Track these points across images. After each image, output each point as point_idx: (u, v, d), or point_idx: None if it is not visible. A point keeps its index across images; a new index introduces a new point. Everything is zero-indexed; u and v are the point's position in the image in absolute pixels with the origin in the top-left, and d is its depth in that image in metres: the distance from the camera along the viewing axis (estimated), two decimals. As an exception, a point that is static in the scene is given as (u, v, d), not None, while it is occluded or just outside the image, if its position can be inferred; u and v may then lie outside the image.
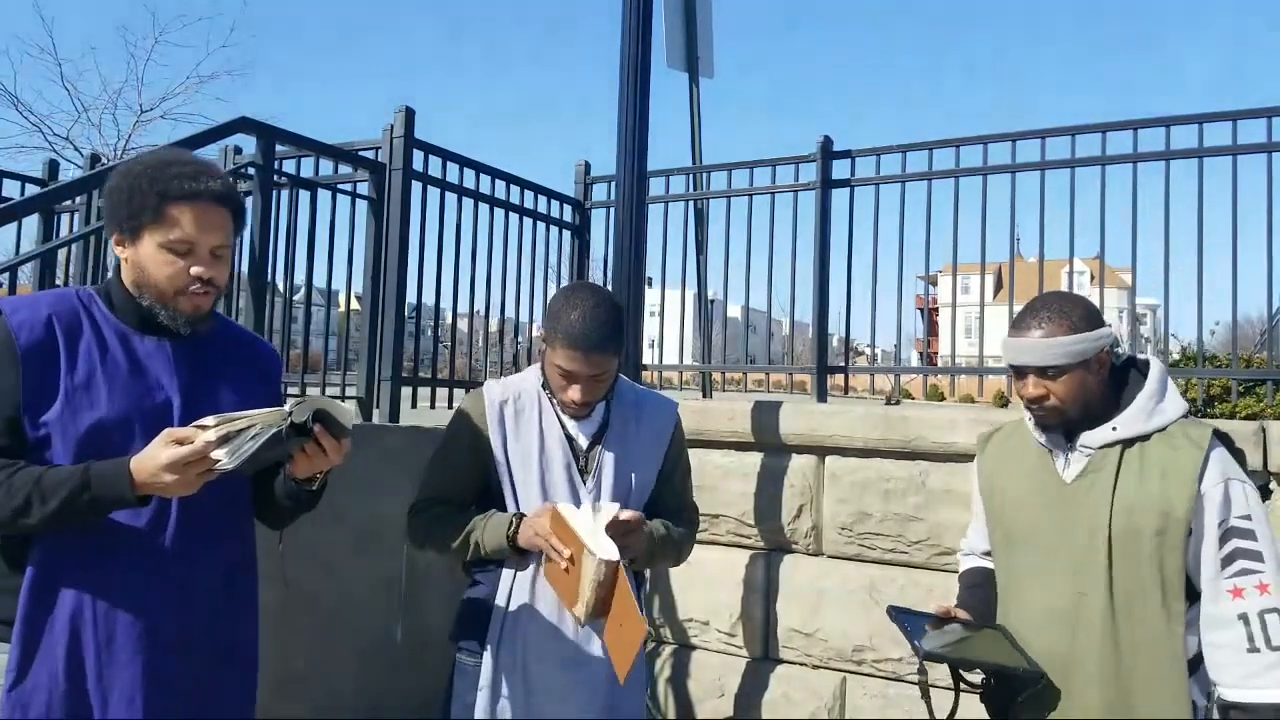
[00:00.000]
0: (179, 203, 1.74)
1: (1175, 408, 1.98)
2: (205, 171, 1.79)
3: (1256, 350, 7.62)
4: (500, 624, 2.16)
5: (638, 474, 2.28)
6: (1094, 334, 1.96)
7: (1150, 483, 1.89)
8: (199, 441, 1.59)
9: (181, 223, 1.75)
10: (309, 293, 4.41)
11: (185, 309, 1.79)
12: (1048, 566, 1.98)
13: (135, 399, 1.74)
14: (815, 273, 4.98)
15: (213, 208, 1.78)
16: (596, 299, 2.15)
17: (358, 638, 3.76)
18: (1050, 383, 1.96)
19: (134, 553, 1.73)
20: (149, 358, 1.79)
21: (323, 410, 1.72)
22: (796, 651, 4.10)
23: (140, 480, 1.62)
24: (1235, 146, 4.10)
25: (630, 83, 4.15)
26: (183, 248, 1.75)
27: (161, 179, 1.74)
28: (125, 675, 1.70)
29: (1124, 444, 1.95)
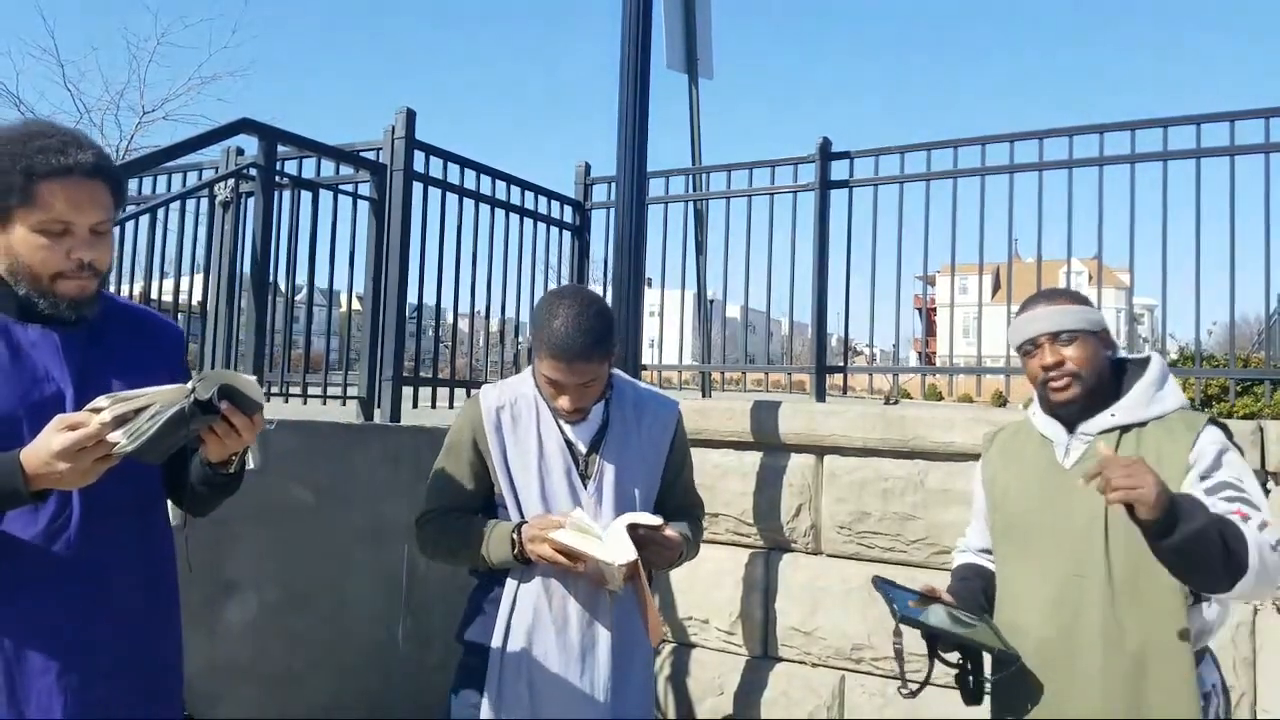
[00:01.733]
0: (48, 180, 1.57)
1: (1174, 399, 2.03)
2: (74, 143, 1.62)
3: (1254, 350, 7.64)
4: (505, 627, 2.16)
5: (640, 477, 2.26)
6: (1093, 309, 2.06)
7: None
8: (93, 425, 1.43)
9: (54, 203, 1.57)
10: (310, 293, 4.43)
11: (67, 294, 1.62)
12: (1047, 551, 2.01)
13: (21, 393, 1.58)
14: (814, 273, 5.00)
15: (87, 183, 1.60)
16: (580, 305, 2.09)
17: (358, 638, 3.77)
18: (1065, 348, 2.00)
19: (33, 560, 1.58)
20: (34, 348, 1.62)
21: (229, 385, 1.54)
22: (795, 650, 4.11)
23: (33, 472, 1.45)
24: (1233, 147, 4.11)
25: (630, 83, 4.17)
26: (58, 229, 1.58)
27: (25, 154, 1.56)
28: (41, 684, 1.58)
29: (1122, 430, 1.99)
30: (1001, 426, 2.32)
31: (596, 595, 2.16)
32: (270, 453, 3.46)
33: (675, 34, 6.07)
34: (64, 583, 1.61)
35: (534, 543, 2.08)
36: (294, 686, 3.50)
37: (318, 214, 4.18)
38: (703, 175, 5.56)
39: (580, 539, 2.02)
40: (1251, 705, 3.31)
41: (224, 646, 3.32)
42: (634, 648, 2.23)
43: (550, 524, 2.07)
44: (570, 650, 2.15)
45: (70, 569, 1.61)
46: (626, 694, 2.20)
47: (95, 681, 1.63)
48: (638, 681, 2.24)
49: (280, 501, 3.48)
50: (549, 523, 2.08)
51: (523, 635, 2.15)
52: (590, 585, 2.14)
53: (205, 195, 4.34)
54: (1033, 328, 2.04)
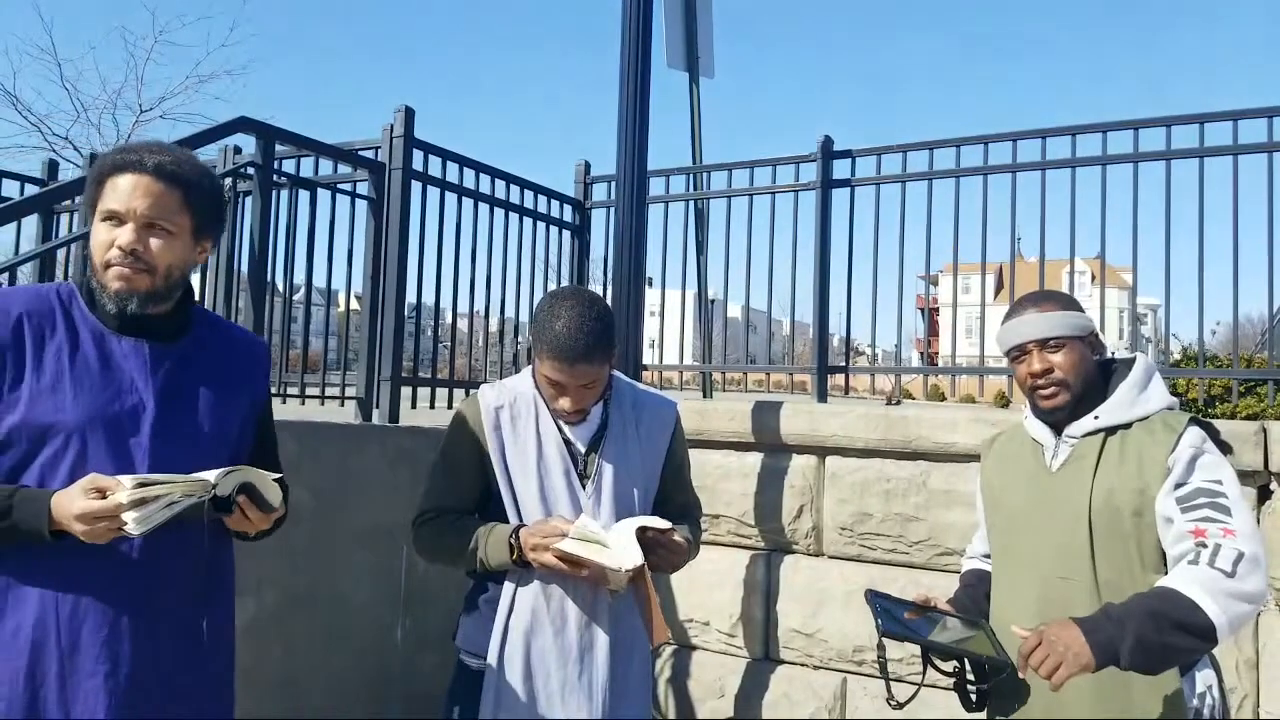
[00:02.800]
0: (115, 174, 1.70)
1: (1159, 399, 2.03)
2: (156, 151, 1.73)
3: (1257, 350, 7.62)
4: (503, 628, 2.15)
5: (639, 478, 2.26)
6: (1082, 314, 2.07)
7: (1128, 466, 1.93)
8: (111, 500, 1.52)
9: (113, 192, 1.69)
10: (309, 292, 4.41)
11: (110, 284, 1.69)
12: (1034, 554, 2.02)
13: (102, 403, 1.67)
14: (816, 272, 4.98)
15: (147, 179, 1.69)
16: (582, 307, 2.09)
17: (358, 638, 3.75)
18: (1053, 355, 2.02)
19: (99, 559, 1.65)
20: (124, 359, 1.72)
21: (249, 483, 1.66)
22: (797, 652, 4.10)
23: (57, 518, 1.57)
24: (1236, 146, 4.09)
25: (630, 83, 4.15)
26: (112, 219, 1.69)
27: (111, 155, 1.72)
28: (89, 685, 1.64)
29: (1106, 432, 2.00)
30: (1000, 431, 2.34)
31: (595, 596, 2.15)
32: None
33: (675, 33, 6.06)
34: (122, 586, 1.67)
35: (536, 551, 2.06)
36: (293, 687, 3.49)
37: (316, 213, 4.17)
38: (703, 174, 5.54)
39: (585, 548, 2.01)
40: (1255, 706, 3.29)
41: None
42: (632, 649, 2.22)
43: (552, 531, 2.05)
44: (568, 651, 2.14)
45: (130, 573, 1.68)
46: (625, 695, 2.20)
47: (143, 687, 1.68)
48: (636, 682, 2.24)
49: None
50: (550, 530, 2.06)
51: (521, 636, 2.14)
52: (589, 587, 2.12)
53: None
54: (1020, 334, 2.06)
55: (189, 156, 1.80)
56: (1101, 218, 4.33)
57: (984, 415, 3.87)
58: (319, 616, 3.61)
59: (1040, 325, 2.03)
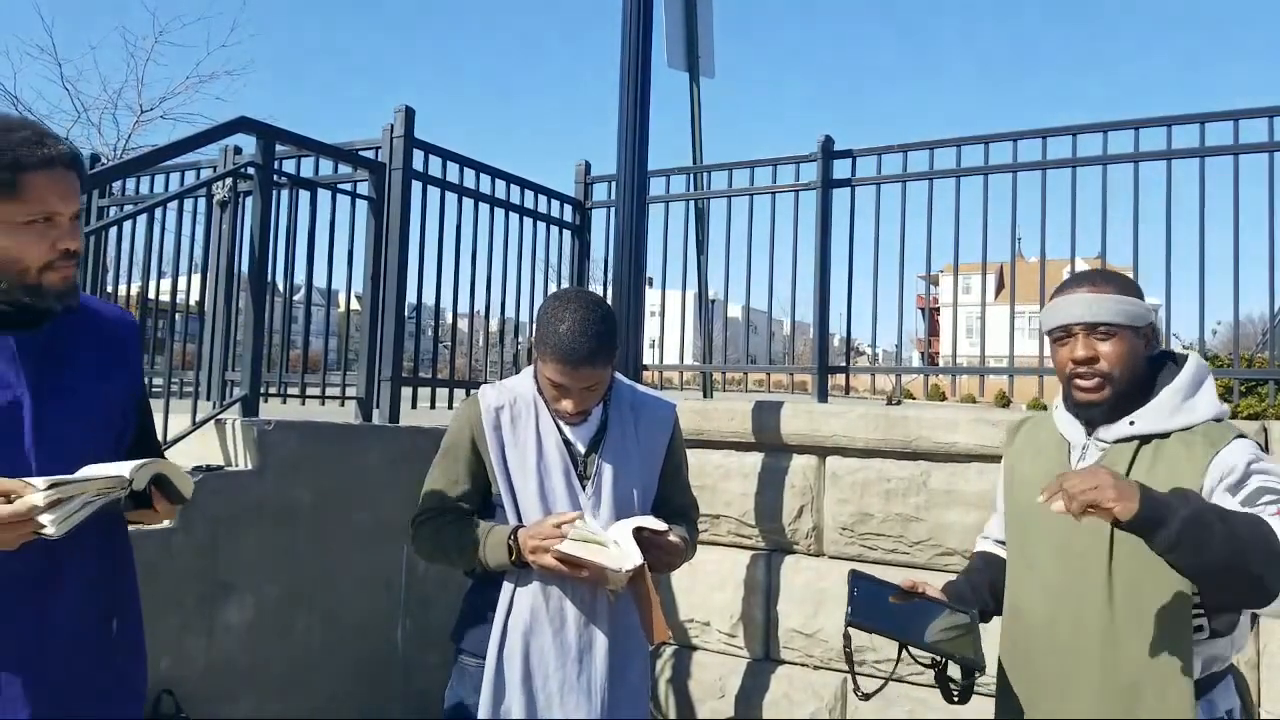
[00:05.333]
0: (34, 172, 1.56)
1: (1205, 408, 1.82)
2: (48, 134, 1.62)
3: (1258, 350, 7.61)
4: (502, 627, 2.15)
5: (638, 478, 2.26)
6: (1141, 302, 1.86)
7: (1159, 482, 1.73)
8: (23, 504, 1.43)
9: (42, 193, 1.56)
10: (309, 293, 4.41)
11: (54, 284, 1.61)
12: (1051, 562, 1.89)
13: None
14: (816, 272, 4.98)
15: (66, 173, 1.61)
16: (585, 309, 2.09)
17: (358, 638, 3.75)
18: (1100, 343, 1.82)
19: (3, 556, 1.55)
20: None
21: (162, 475, 1.63)
22: (797, 652, 4.09)
23: None
24: (1237, 146, 4.09)
25: (631, 82, 4.15)
26: (44, 220, 1.58)
27: (7, 148, 1.55)
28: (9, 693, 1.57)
29: (1141, 441, 1.81)
30: (1026, 418, 2.18)
31: (594, 596, 2.15)
32: (269, 453, 3.45)
33: (676, 33, 6.06)
34: (28, 569, 1.59)
35: (535, 554, 2.07)
36: (292, 687, 3.49)
37: (316, 213, 4.17)
38: (703, 174, 5.54)
39: (585, 549, 2.01)
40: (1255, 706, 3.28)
41: (222, 648, 3.30)
42: (631, 648, 2.22)
43: (551, 533, 2.05)
44: (567, 651, 2.14)
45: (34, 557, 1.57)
46: (623, 694, 2.20)
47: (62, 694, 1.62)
48: (635, 682, 2.24)
49: (278, 502, 3.46)
50: (549, 532, 2.06)
51: (520, 636, 2.14)
52: (588, 587, 2.13)
53: (203, 194, 4.32)
54: (1068, 314, 1.84)
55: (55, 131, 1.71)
56: (1102, 217, 4.33)
57: (985, 415, 3.86)
58: (319, 616, 3.61)
59: (1091, 307, 1.82)
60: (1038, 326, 2.11)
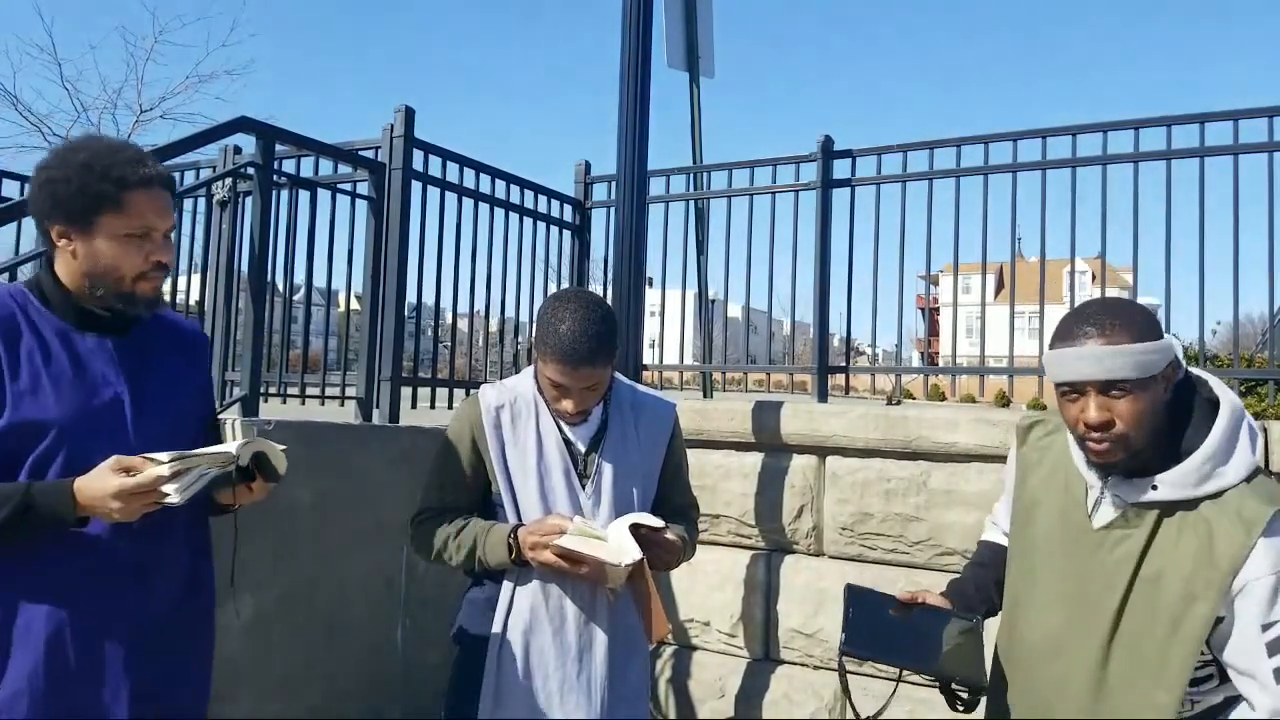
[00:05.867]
0: (136, 190, 1.75)
1: (1237, 471, 1.63)
2: (147, 156, 1.81)
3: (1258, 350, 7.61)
4: (502, 626, 2.16)
5: (638, 478, 2.26)
6: (1160, 343, 1.63)
7: (1183, 559, 1.61)
8: (150, 473, 1.60)
9: (141, 209, 1.75)
10: (309, 292, 4.40)
11: (145, 293, 1.80)
12: (1059, 599, 1.78)
13: (83, 399, 1.74)
14: (816, 272, 4.98)
15: (162, 192, 1.80)
16: (585, 309, 2.10)
17: (358, 638, 3.75)
18: (1115, 402, 1.61)
19: (104, 546, 1.74)
20: (90, 355, 1.79)
21: (262, 453, 1.79)
22: (797, 652, 4.09)
23: (83, 503, 1.63)
24: (1236, 146, 4.09)
25: (630, 81, 4.15)
26: (141, 233, 1.77)
27: (115, 167, 1.74)
28: (110, 664, 1.74)
29: (1163, 510, 1.65)
30: (1038, 419, 1.99)
31: (594, 595, 2.16)
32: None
33: (676, 32, 6.06)
34: (127, 565, 1.77)
35: (535, 550, 2.07)
36: (292, 687, 3.48)
37: (316, 213, 4.16)
38: (703, 174, 5.54)
39: (584, 543, 2.02)
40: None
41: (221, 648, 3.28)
42: (631, 647, 2.23)
43: (550, 530, 2.06)
44: (567, 649, 2.15)
45: (127, 566, 1.77)
46: (623, 693, 2.20)
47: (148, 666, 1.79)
48: (635, 681, 2.25)
49: (278, 502, 3.44)
50: (549, 529, 2.06)
51: (520, 635, 2.15)
52: (588, 585, 2.13)
53: (203, 194, 4.32)
54: (1078, 371, 1.64)
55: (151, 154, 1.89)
56: (1102, 217, 4.33)
57: (985, 415, 3.86)
58: (319, 616, 3.61)
59: (1104, 362, 1.60)
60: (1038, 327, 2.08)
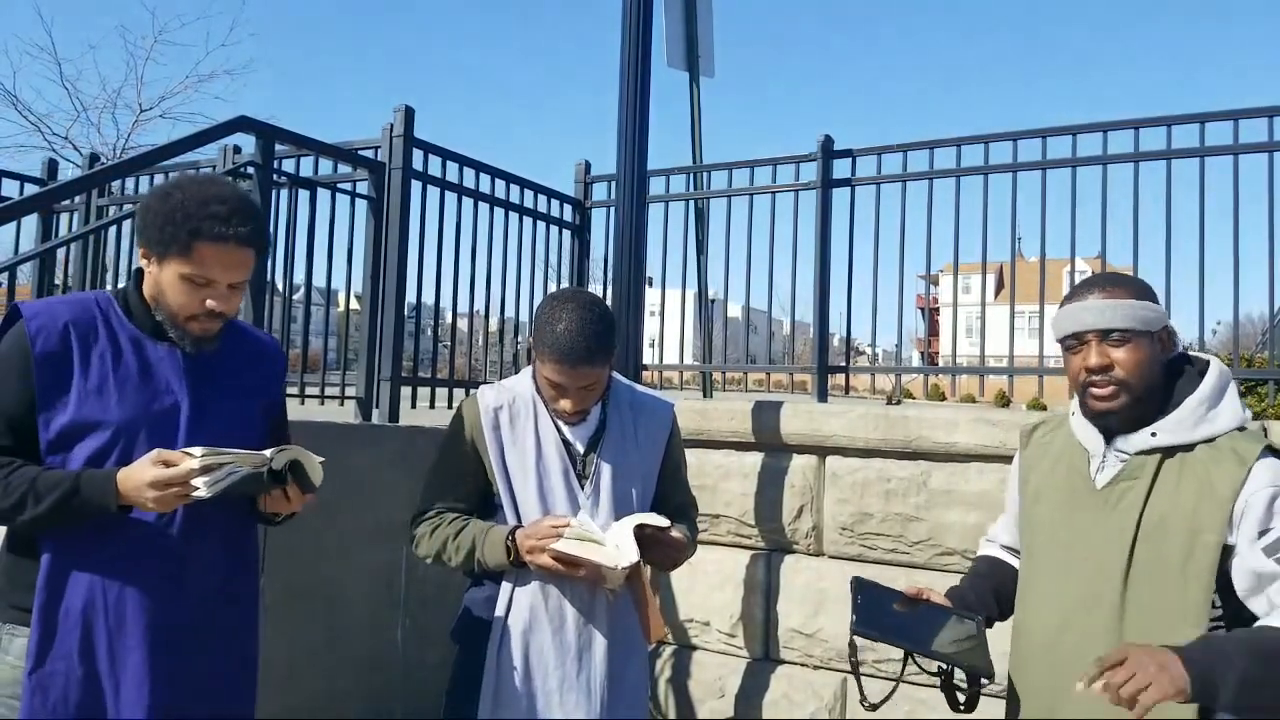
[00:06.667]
0: (208, 242, 1.81)
1: (1230, 417, 1.78)
2: (240, 212, 1.85)
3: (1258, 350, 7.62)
4: (501, 626, 2.16)
5: (637, 477, 2.27)
6: (1156, 305, 1.82)
7: (1184, 500, 1.72)
8: (183, 467, 1.69)
9: (206, 261, 1.82)
10: (308, 292, 4.41)
11: (193, 332, 1.88)
12: (1066, 571, 1.85)
13: (144, 403, 1.84)
14: (816, 272, 4.97)
15: (239, 250, 1.85)
16: (582, 309, 2.10)
17: (358, 638, 3.75)
18: (1114, 350, 1.78)
19: (143, 543, 1.82)
20: (160, 362, 1.88)
21: (298, 462, 1.85)
22: (797, 652, 4.09)
23: (124, 492, 1.73)
24: (1236, 145, 4.09)
25: (630, 81, 4.15)
26: (202, 281, 1.83)
27: (197, 216, 1.80)
28: (133, 660, 1.78)
29: (1164, 453, 1.77)
30: (1041, 420, 2.12)
31: (593, 595, 2.16)
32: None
33: (675, 32, 6.06)
34: (160, 567, 1.83)
35: (532, 554, 2.07)
36: (292, 687, 3.48)
37: (316, 213, 4.16)
38: (703, 173, 5.54)
39: (581, 547, 2.01)
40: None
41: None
42: (630, 648, 2.23)
43: (548, 533, 2.06)
44: (567, 650, 2.15)
45: (166, 555, 1.84)
46: (623, 693, 2.20)
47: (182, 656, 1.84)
48: (634, 681, 2.25)
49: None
50: (546, 532, 2.06)
51: (519, 635, 2.15)
52: (587, 586, 2.13)
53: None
54: (1080, 320, 1.80)
55: (257, 208, 1.96)
56: (1102, 217, 4.33)
57: (985, 415, 3.86)
58: (319, 616, 3.60)
59: (1105, 313, 1.77)
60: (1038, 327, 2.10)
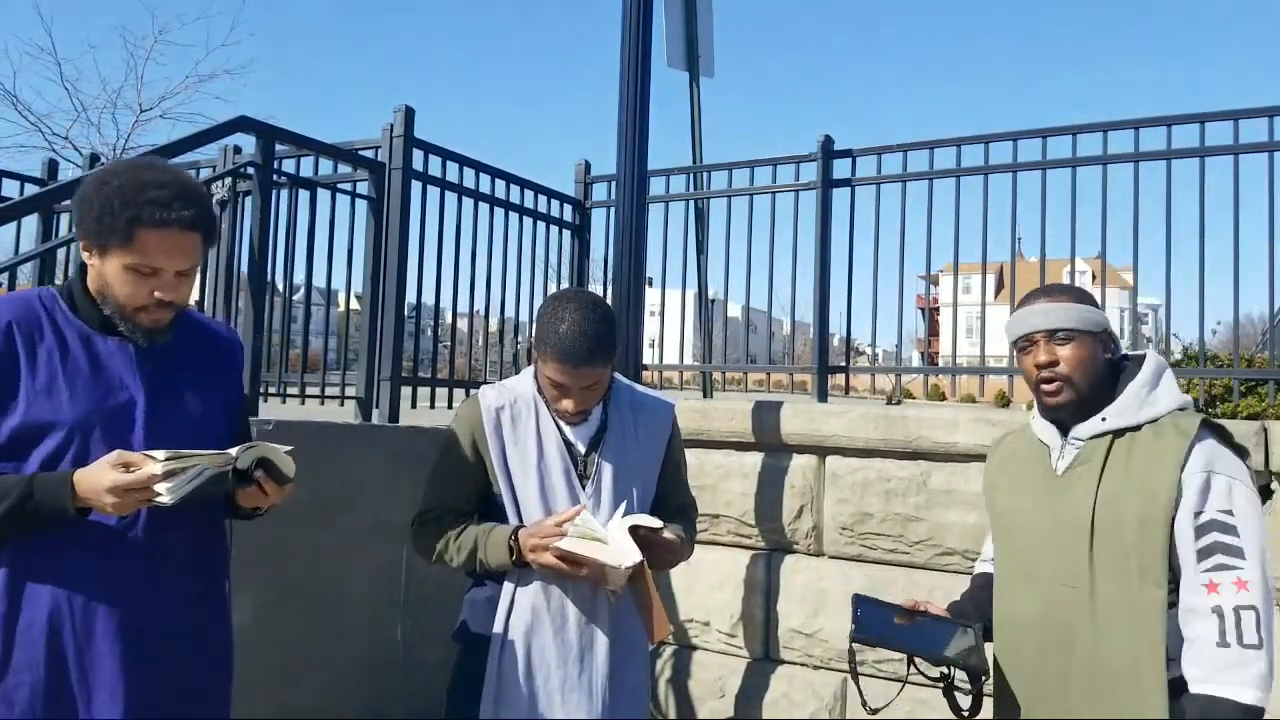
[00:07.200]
0: (149, 229, 1.72)
1: (1169, 399, 1.96)
2: (182, 195, 1.75)
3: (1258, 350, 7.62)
4: (503, 627, 2.16)
5: (638, 478, 2.27)
6: (1096, 309, 2.01)
7: (1135, 472, 1.88)
8: (144, 472, 1.61)
9: (149, 249, 1.73)
10: (309, 292, 4.41)
11: (143, 324, 1.79)
12: (1037, 560, 1.97)
13: (97, 400, 1.75)
14: (816, 272, 4.98)
15: (184, 235, 1.75)
16: (584, 309, 2.11)
17: (358, 637, 3.75)
18: (1060, 347, 1.96)
19: (108, 546, 1.75)
20: (111, 357, 1.79)
21: (266, 457, 1.77)
22: (797, 652, 4.09)
23: (82, 494, 1.65)
24: (1237, 146, 4.09)
25: (630, 81, 4.15)
26: (147, 271, 1.74)
27: (135, 203, 1.71)
28: (105, 666, 1.72)
29: (1114, 435, 1.94)
30: (1008, 431, 2.29)
31: (595, 595, 2.16)
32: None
33: (676, 32, 6.06)
34: (127, 571, 1.76)
35: (536, 552, 2.07)
36: (293, 686, 3.48)
37: (316, 213, 4.16)
38: (703, 174, 5.54)
39: (585, 545, 2.02)
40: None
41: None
42: (632, 648, 2.23)
43: (550, 532, 2.06)
44: (568, 650, 2.15)
45: (133, 559, 1.76)
46: (624, 693, 2.21)
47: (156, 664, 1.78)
48: (635, 681, 2.25)
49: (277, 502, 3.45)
50: (550, 531, 2.06)
51: (521, 635, 2.15)
52: (589, 585, 2.13)
53: (203, 194, 4.32)
54: (1029, 323, 2.00)
55: (199, 188, 1.84)
56: (1102, 217, 4.33)
57: (985, 415, 3.86)
58: (318, 616, 3.60)
59: (1049, 315, 1.97)
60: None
